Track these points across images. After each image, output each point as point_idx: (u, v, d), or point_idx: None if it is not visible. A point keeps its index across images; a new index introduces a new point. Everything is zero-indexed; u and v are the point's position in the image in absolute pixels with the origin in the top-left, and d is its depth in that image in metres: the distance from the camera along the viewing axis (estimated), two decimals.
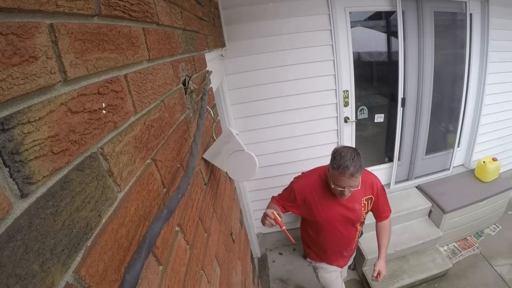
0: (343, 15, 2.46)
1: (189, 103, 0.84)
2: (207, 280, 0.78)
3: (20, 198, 0.24)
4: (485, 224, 3.25)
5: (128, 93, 0.46)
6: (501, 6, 2.79)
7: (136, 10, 0.53)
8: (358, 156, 1.38)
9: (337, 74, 2.54)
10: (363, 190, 1.63)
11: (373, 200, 1.67)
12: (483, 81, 3.04)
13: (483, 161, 3.15)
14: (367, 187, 1.65)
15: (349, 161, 1.36)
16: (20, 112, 0.25)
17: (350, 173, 1.35)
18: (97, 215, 0.34)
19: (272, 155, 2.71)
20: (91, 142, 0.35)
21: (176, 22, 0.81)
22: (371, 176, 1.68)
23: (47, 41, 0.29)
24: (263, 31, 2.34)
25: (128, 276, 0.30)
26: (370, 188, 1.65)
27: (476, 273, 2.79)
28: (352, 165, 1.35)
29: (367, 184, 1.65)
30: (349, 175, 1.36)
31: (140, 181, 0.46)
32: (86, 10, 0.37)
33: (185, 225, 0.65)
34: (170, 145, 0.63)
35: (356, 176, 1.37)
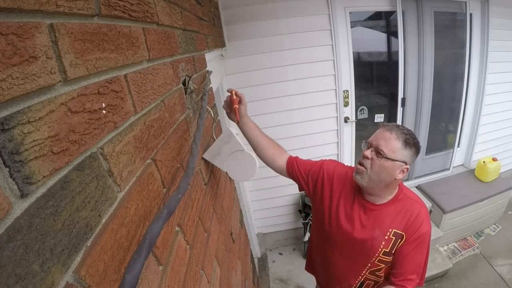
0: (343, 15, 2.46)
1: (189, 103, 0.84)
2: (207, 280, 0.78)
3: (20, 198, 0.24)
4: (485, 224, 3.25)
5: (128, 93, 0.46)
6: (501, 6, 2.79)
7: (136, 10, 0.53)
8: (412, 135, 1.07)
9: (337, 74, 2.54)
10: (396, 218, 1.15)
11: (403, 241, 1.13)
12: (483, 81, 3.05)
13: (483, 161, 3.15)
14: (405, 218, 1.13)
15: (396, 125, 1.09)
16: (20, 112, 0.25)
17: (387, 128, 1.07)
18: (97, 215, 0.34)
19: None
20: (91, 142, 0.35)
21: (176, 22, 0.81)
22: (420, 208, 1.14)
23: (47, 41, 0.29)
24: (263, 31, 2.34)
25: (128, 276, 0.30)
26: (408, 221, 1.13)
27: (476, 273, 2.79)
28: (396, 126, 1.08)
29: (407, 214, 1.13)
30: (384, 129, 1.08)
31: (140, 181, 0.46)
32: (86, 10, 0.37)
33: (185, 225, 0.65)
34: (170, 145, 0.63)
35: (392, 134, 1.05)
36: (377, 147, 1.07)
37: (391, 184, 1.12)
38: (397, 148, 1.04)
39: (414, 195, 1.20)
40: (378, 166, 1.07)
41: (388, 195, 1.17)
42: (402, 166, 1.06)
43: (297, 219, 3.03)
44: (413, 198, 1.18)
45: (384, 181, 1.09)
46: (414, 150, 1.07)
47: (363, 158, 1.11)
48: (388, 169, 1.06)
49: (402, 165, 1.06)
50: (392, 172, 1.06)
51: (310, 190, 1.34)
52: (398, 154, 1.04)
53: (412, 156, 1.07)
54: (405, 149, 1.05)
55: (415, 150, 1.07)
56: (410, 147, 1.05)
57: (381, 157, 1.06)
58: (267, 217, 3.06)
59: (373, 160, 1.08)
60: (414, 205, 1.15)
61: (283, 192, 2.92)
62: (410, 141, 1.05)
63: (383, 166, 1.06)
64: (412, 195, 1.20)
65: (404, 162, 1.05)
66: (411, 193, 1.22)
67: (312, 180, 1.32)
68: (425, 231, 1.11)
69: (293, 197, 2.98)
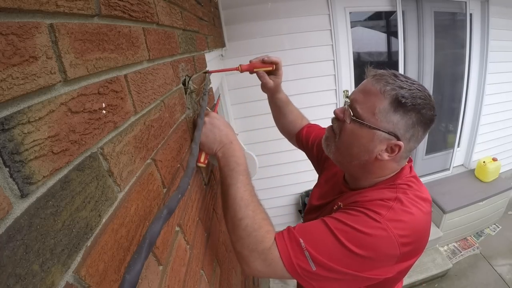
0: (343, 15, 2.46)
1: (189, 103, 0.84)
2: (207, 280, 0.78)
3: (20, 198, 0.24)
4: (485, 224, 3.25)
5: (128, 93, 0.46)
6: (501, 6, 2.80)
7: (136, 10, 0.53)
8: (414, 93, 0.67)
9: (337, 74, 2.55)
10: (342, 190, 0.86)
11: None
12: (483, 81, 3.05)
13: (483, 161, 3.15)
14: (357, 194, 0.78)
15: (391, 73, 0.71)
16: (20, 112, 0.25)
17: (375, 76, 0.72)
18: (97, 215, 0.34)
19: (272, 155, 2.71)
20: (91, 142, 0.35)
21: (176, 22, 0.81)
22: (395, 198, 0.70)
23: (47, 41, 0.29)
24: (263, 31, 2.34)
25: (128, 276, 0.30)
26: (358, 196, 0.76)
27: (476, 273, 2.79)
28: (391, 74, 0.70)
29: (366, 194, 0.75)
30: (370, 78, 0.73)
31: (140, 181, 0.46)
32: (86, 10, 0.37)
33: (185, 225, 0.65)
34: (170, 145, 0.63)
35: (377, 86, 0.69)
36: (351, 104, 0.73)
37: (371, 166, 0.74)
38: (380, 109, 0.67)
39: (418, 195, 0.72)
40: (349, 133, 0.73)
41: (370, 180, 0.79)
42: (390, 140, 0.69)
43: (298, 219, 3.03)
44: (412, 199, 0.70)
45: (357, 158, 0.74)
46: (416, 118, 0.67)
47: (333, 118, 0.79)
48: (363, 140, 0.71)
49: (388, 138, 0.69)
50: (370, 147, 0.70)
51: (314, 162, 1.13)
52: (380, 119, 0.68)
53: (409, 126, 0.68)
54: (396, 112, 0.67)
55: (417, 118, 0.67)
56: (406, 110, 0.66)
57: (351, 120, 0.71)
58: None
59: (344, 123, 0.73)
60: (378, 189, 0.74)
61: (283, 192, 2.92)
62: (405, 101, 0.65)
63: (355, 135, 0.72)
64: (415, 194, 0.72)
65: (392, 133, 0.68)
66: (416, 190, 0.73)
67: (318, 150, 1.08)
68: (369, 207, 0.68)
69: (293, 197, 2.98)
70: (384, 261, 0.66)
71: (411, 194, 0.71)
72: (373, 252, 0.64)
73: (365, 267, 0.65)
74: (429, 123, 0.70)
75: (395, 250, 0.64)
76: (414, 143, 0.72)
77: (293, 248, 0.66)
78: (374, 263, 0.65)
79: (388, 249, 0.64)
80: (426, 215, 0.71)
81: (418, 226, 0.68)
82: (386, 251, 0.64)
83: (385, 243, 0.64)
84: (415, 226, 0.67)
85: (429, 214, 0.72)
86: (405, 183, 0.75)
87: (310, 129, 1.18)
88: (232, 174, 0.74)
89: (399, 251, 0.64)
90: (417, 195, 0.72)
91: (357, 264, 0.65)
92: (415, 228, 0.67)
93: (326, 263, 0.64)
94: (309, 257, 0.65)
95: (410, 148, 0.72)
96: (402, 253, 0.65)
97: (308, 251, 0.65)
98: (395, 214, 0.66)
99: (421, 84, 0.70)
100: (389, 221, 0.65)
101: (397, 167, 0.77)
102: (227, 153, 0.77)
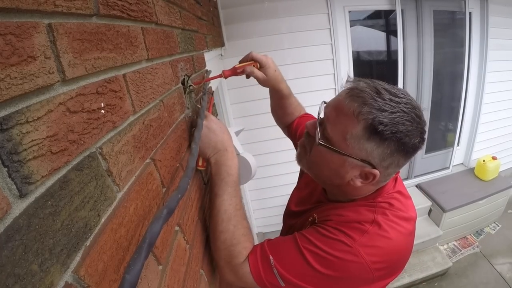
0: (342, 14, 2.46)
1: (188, 102, 0.84)
2: (207, 280, 0.78)
3: (19, 198, 0.24)
4: (485, 223, 3.25)
5: (127, 93, 0.46)
6: (500, 5, 2.80)
7: (135, 10, 0.53)
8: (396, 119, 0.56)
9: (336, 73, 2.55)
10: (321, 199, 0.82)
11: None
12: (482, 79, 3.05)
13: (483, 159, 3.16)
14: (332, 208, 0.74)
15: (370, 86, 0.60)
16: (19, 112, 0.25)
17: (350, 89, 0.62)
18: (96, 215, 0.34)
19: (271, 154, 2.71)
20: (90, 141, 0.35)
21: (175, 21, 0.81)
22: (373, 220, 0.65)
23: (45, 41, 0.29)
24: (262, 30, 2.34)
25: (128, 276, 0.30)
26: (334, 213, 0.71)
27: (476, 271, 2.80)
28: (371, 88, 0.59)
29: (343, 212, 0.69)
30: (345, 91, 0.63)
31: (139, 181, 0.46)
32: (84, 10, 0.37)
33: (184, 225, 0.65)
34: (169, 144, 0.63)
35: (350, 105, 0.59)
36: (322, 123, 0.65)
37: (346, 188, 0.69)
38: (352, 135, 0.59)
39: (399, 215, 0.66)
40: (318, 154, 0.67)
41: (347, 197, 0.73)
42: (364, 168, 0.62)
43: None
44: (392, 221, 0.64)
45: (329, 180, 0.70)
46: (395, 146, 0.58)
47: (306, 132, 0.72)
48: (332, 165, 0.65)
49: (361, 165, 0.62)
50: (341, 172, 0.64)
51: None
52: (352, 144, 0.60)
53: (387, 155, 0.59)
54: (369, 140, 0.58)
55: (396, 146, 0.58)
56: (382, 139, 0.57)
57: (319, 142, 0.64)
58: (267, 216, 3.06)
59: (314, 140, 0.66)
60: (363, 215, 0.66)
61: (283, 191, 2.92)
62: (384, 129, 0.55)
63: (324, 158, 0.65)
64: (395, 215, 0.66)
65: (364, 160, 0.61)
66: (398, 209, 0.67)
67: None
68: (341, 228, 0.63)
69: None
70: (358, 282, 0.63)
71: (391, 215, 0.65)
72: (343, 273, 0.62)
73: (338, 286, 0.64)
74: (412, 151, 0.61)
75: (368, 274, 0.61)
76: (394, 169, 0.64)
77: (263, 265, 0.67)
78: (347, 283, 0.63)
79: (360, 273, 0.61)
80: (407, 237, 0.66)
81: (394, 250, 0.64)
82: (358, 275, 0.62)
83: (356, 268, 0.61)
84: (391, 252, 0.63)
85: (410, 234, 0.67)
86: (386, 201, 0.68)
87: (301, 120, 1.13)
88: (221, 184, 0.74)
89: (373, 274, 0.61)
90: (398, 215, 0.66)
91: (328, 284, 0.63)
92: (390, 253, 0.63)
93: (294, 281, 0.64)
94: (277, 274, 0.65)
95: (388, 173, 0.65)
96: (377, 276, 0.62)
97: (277, 268, 0.65)
98: (370, 240, 0.62)
99: (410, 102, 0.60)
100: (361, 247, 0.61)
101: (375, 188, 0.70)
102: (219, 160, 0.76)
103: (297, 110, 1.19)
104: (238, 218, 0.73)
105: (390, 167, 0.63)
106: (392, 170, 0.64)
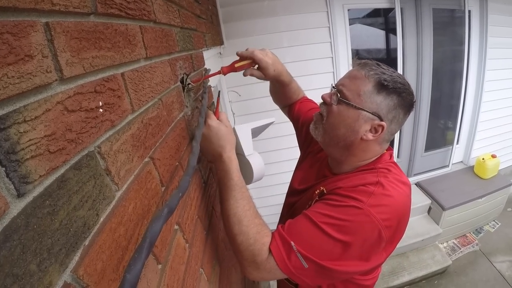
0: (341, 12, 2.46)
1: (187, 101, 0.84)
2: (207, 279, 0.78)
3: (17, 197, 0.24)
4: (484, 221, 3.26)
5: (125, 91, 0.46)
6: (499, 3, 2.79)
7: (133, 8, 0.53)
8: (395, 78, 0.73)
9: (335, 72, 2.54)
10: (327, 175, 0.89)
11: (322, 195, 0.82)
12: (482, 78, 3.05)
13: (482, 158, 3.16)
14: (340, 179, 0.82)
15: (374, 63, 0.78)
16: (16, 111, 0.25)
17: (359, 64, 0.79)
18: (94, 214, 0.34)
19: (272, 152, 2.71)
20: (88, 141, 0.35)
21: (174, 20, 0.81)
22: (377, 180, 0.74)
23: (42, 40, 0.29)
24: (261, 28, 2.34)
25: (129, 276, 0.30)
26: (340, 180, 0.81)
27: (475, 269, 2.81)
28: (374, 63, 0.77)
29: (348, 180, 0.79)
30: (355, 67, 0.80)
31: (138, 180, 0.46)
32: (82, 8, 0.36)
33: (184, 224, 0.65)
34: (168, 143, 0.62)
35: (361, 72, 0.76)
36: (338, 88, 0.78)
37: (356, 147, 0.79)
38: (364, 91, 0.73)
39: (392, 176, 0.76)
40: (336, 114, 0.78)
41: (352, 163, 0.83)
42: (374, 121, 0.74)
43: None
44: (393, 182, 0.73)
45: (343, 139, 0.78)
46: (397, 100, 0.73)
47: (321, 103, 0.84)
48: (349, 120, 0.76)
49: (372, 118, 0.74)
50: (356, 126, 0.75)
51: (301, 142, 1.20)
52: (365, 100, 0.73)
53: (391, 108, 0.74)
54: (379, 94, 0.73)
55: (398, 100, 0.73)
56: (389, 93, 0.72)
57: (339, 101, 0.77)
58: (267, 214, 3.06)
59: (331, 106, 0.78)
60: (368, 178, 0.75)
61: (283, 190, 2.92)
62: (388, 84, 0.72)
63: (341, 115, 0.77)
64: (388, 175, 0.75)
65: (375, 114, 0.74)
66: (391, 173, 0.77)
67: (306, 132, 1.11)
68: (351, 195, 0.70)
69: None
70: (373, 244, 0.68)
71: (391, 177, 0.75)
72: (360, 236, 0.67)
73: (354, 253, 0.67)
74: (409, 107, 0.76)
75: (380, 233, 0.67)
76: (396, 126, 0.77)
77: (287, 253, 0.69)
78: (361, 247, 0.67)
79: (373, 233, 0.67)
80: (406, 198, 0.74)
81: (398, 208, 0.71)
82: (372, 235, 0.67)
83: (370, 228, 0.66)
84: (396, 209, 0.70)
85: (408, 197, 0.75)
86: (385, 167, 0.79)
87: (302, 105, 1.25)
88: (225, 189, 0.77)
89: (384, 234, 0.67)
90: (397, 179, 0.75)
91: (345, 254, 0.67)
92: (395, 210, 0.70)
93: (315, 259, 0.66)
94: (300, 256, 0.67)
95: (391, 130, 0.77)
96: (387, 237, 0.67)
97: (299, 251, 0.67)
98: (377, 199, 0.69)
99: (395, 70, 0.77)
100: (371, 207, 0.67)
101: (379, 150, 0.81)
102: (220, 167, 0.80)
103: (296, 94, 1.28)
104: (248, 218, 0.75)
105: (393, 122, 0.76)
106: (394, 126, 0.77)
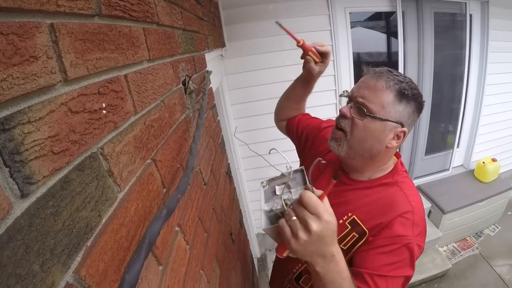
0: (343, 15, 2.46)
1: (189, 103, 0.84)
2: (207, 280, 0.78)
3: (21, 198, 0.24)
4: (484, 225, 3.25)
5: (128, 93, 0.46)
6: (501, 7, 2.80)
7: (137, 10, 0.53)
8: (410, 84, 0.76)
9: (337, 75, 2.55)
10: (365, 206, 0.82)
11: (366, 237, 0.78)
12: (482, 81, 3.05)
13: (483, 161, 3.15)
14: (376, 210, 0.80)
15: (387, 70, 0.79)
16: (21, 112, 0.25)
17: (375, 74, 0.79)
18: (97, 215, 0.34)
19: (272, 155, 2.71)
20: (91, 142, 0.35)
21: (176, 22, 0.81)
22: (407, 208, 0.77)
23: (47, 41, 0.29)
24: (263, 31, 2.34)
25: (128, 276, 0.30)
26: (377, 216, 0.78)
27: (475, 273, 2.79)
28: (388, 70, 0.78)
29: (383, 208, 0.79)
30: (370, 75, 0.79)
31: (140, 181, 0.46)
32: (86, 10, 0.37)
33: (185, 225, 0.65)
34: (170, 145, 0.63)
35: (380, 82, 0.76)
36: (359, 101, 0.77)
37: (380, 155, 0.81)
38: (388, 102, 0.75)
39: (410, 188, 0.82)
40: (362, 128, 0.77)
41: (374, 172, 0.86)
42: (397, 128, 0.77)
43: None
44: (405, 193, 0.80)
45: (369, 150, 0.79)
46: (414, 106, 0.77)
47: (340, 117, 0.82)
48: (376, 132, 0.77)
49: (396, 127, 0.76)
50: (382, 137, 0.77)
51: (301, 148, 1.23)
52: (389, 110, 0.75)
53: (411, 114, 0.77)
54: (400, 103, 0.75)
55: (415, 106, 0.77)
56: (408, 100, 0.76)
57: (365, 116, 0.76)
58: None
59: (354, 120, 0.78)
60: (400, 202, 0.78)
61: None
62: (407, 92, 0.74)
63: (368, 129, 0.77)
64: (408, 188, 0.81)
65: (399, 122, 0.76)
66: (408, 184, 0.83)
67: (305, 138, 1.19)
68: (399, 233, 0.73)
69: None
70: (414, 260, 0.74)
71: (412, 194, 0.81)
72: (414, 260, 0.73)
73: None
74: (421, 110, 0.81)
75: (420, 249, 0.74)
76: (410, 128, 0.81)
77: None
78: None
79: (420, 252, 0.74)
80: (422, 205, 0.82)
81: (424, 220, 0.78)
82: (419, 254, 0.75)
83: (418, 250, 0.73)
84: (424, 222, 0.78)
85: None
86: (402, 180, 0.84)
87: (302, 118, 1.29)
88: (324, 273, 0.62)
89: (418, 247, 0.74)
90: (415, 193, 0.82)
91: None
92: (424, 223, 0.78)
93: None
94: None
95: (408, 133, 0.82)
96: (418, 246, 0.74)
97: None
98: (418, 228, 0.75)
99: (406, 76, 0.80)
100: (415, 237, 0.73)
101: (394, 151, 0.87)
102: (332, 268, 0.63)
103: (300, 110, 1.33)
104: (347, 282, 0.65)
105: (410, 125, 0.79)
106: (410, 128, 0.80)
